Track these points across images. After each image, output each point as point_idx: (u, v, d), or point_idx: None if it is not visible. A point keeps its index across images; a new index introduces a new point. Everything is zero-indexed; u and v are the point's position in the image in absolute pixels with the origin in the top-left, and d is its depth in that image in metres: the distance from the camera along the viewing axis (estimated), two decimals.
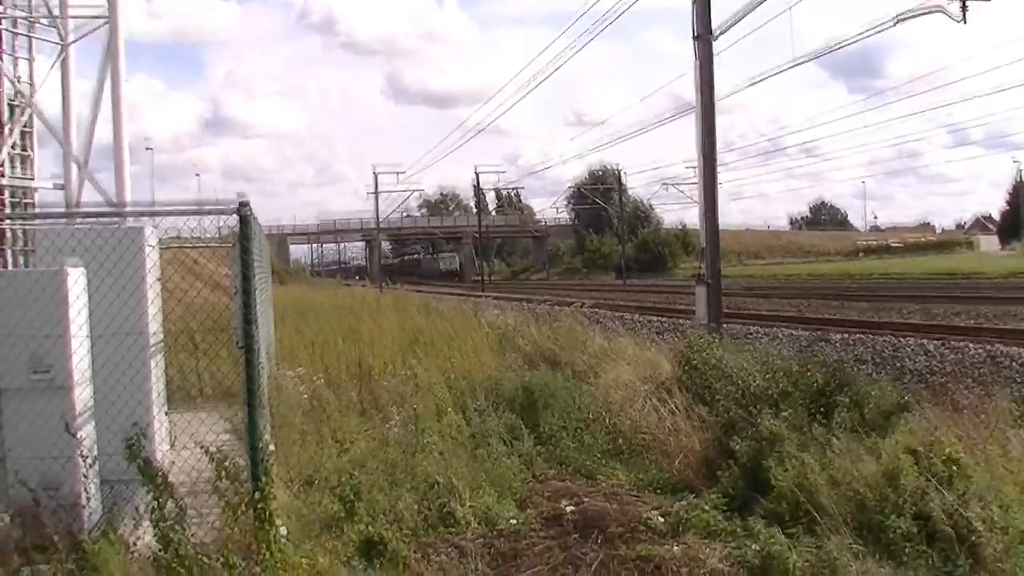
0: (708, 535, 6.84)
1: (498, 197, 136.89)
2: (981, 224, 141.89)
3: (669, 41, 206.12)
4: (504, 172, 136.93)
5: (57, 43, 14.32)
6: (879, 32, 21.50)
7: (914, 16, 20.71)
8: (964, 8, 20.06)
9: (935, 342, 15.98)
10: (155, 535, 5.48)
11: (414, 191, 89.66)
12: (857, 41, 23.61)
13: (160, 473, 5.68)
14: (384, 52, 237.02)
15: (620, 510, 7.61)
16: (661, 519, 7.27)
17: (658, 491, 8.41)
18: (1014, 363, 13.44)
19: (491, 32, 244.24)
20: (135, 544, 5.55)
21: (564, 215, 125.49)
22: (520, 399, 10.95)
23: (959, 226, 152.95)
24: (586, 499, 8.09)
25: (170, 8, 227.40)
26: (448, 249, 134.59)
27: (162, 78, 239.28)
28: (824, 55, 28.53)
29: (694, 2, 17.69)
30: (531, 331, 17.48)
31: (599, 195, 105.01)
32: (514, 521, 7.44)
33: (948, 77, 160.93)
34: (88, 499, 6.24)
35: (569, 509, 7.74)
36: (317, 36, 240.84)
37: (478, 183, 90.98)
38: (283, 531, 5.86)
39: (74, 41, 14.01)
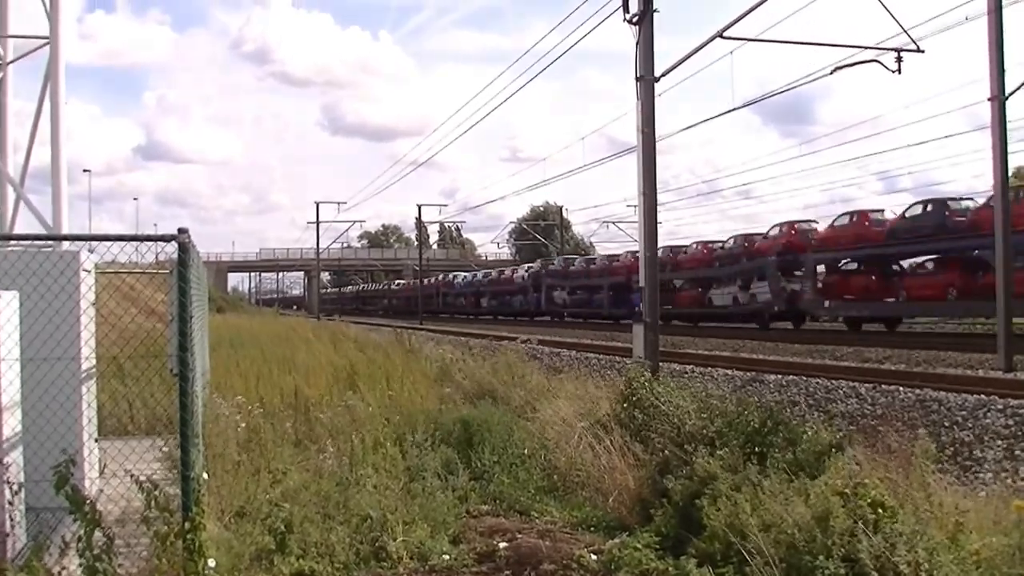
0: (641, 574, 6.85)
1: (440, 231, 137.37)
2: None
3: (604, 81, 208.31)
4: (446, 206, 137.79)
5: None
6: (815, 80, 21.88)
7: (851, 65, 21.20)
8: (899, 59, 20.60)
9: (866, 385, 16.23)
10: (81, 565, 5.38)
11: (355, 222, 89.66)
12: (795, 88, 24.02)
13: (88, 502, 5.59)
14: (319, 83, 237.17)
15: (553, 547, 7.61)
16: (594, 557, 7.28)
17: (592, 529, 8.43)
18: (942, 407, 13.70)
19: (428, 67, 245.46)
20: (60, 574, 5.44)
21: (505, 251, 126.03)
22: (457, 433, 10.93)
23: None
24: (520, 536, 8.07)
25: (102, 30, 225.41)
26: None
27: (95, 102, 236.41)
28: (759, 101, 29.05)
29: (637, 44, 17.93)
30: (469, 366, 17.51)
31: (540, 231, 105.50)
32: (447, 557, 7.41)
33: (878, 126, 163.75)
34: (13, 527, 6.11)
35: (502, 546, 7.72)
36: (252, 65, 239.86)
37: (420, 217, 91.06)
38: (212, 563, 5.78)
39: (13, 61, 13.83)
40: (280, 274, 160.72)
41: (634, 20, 17.82)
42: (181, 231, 6.11)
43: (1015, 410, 12.73)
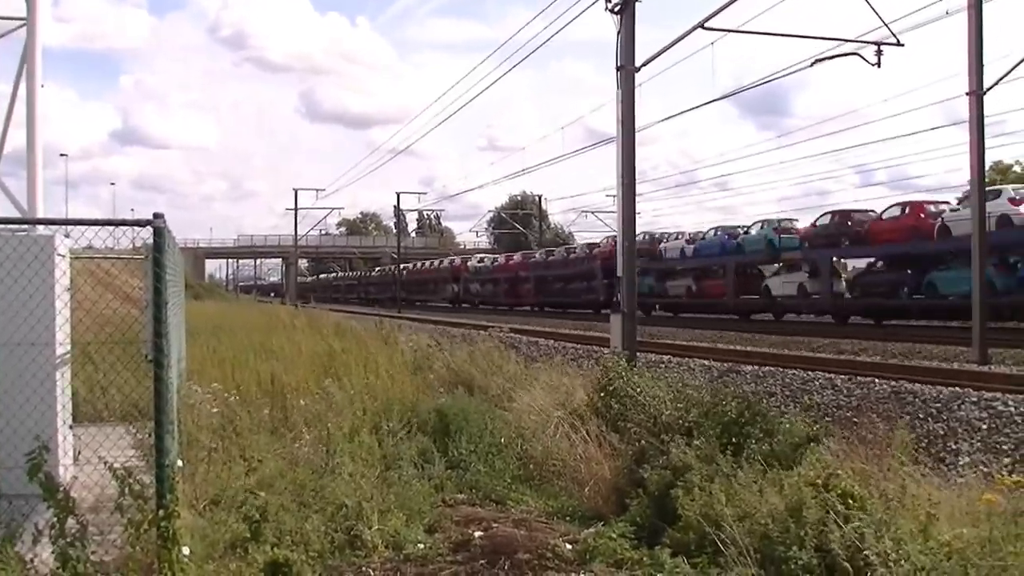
0: (615, 564, 6.88)
1: (419, 219, 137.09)
2: None
3: (583, 71, 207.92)
4: (425, 194, 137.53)
5: None
6: (794, 72, 21.93)
7: (831, 58, 21.25)
8: (879, 53, 20.66)
9: (842, 377, 16.31)
10: (54, 552, 5.34)
11: (334, 209, 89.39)
12: (773, 80, 24.07)
13: (62, 489, 5.55)
14: (297, 69, 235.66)
15: (529, 537, 7.61)
16: (569, 547, 7.29)
17: (567, 518, 8.45)
18: (917, 399, 13.78)
19: (407, 54, 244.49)
20: (32, 561, 5.40)
21: (484, 239, 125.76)
22: (434, 422, 10.92)
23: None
24: (495, 525, 8.08)
25: (79, 12, 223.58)
26: None
27: (71, 86, 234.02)
28: (739, 92, 29.16)
29: (619, 34, 17.94)
30: (446, 355, 17.50)
31: (519, 220, 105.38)
32: (422, 546, 7.41)
33: (856, 119, 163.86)
34: None
35: (478, 535, 7.72)
36: (229, 50, 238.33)
37: (399, 205, 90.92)
38: (186, 551, 5.75)
39: None
40: (258, 261, 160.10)
41: (616, 9, 17.84)
42: (156, 216, 6.06)
43: (989, 403, 12.82)
